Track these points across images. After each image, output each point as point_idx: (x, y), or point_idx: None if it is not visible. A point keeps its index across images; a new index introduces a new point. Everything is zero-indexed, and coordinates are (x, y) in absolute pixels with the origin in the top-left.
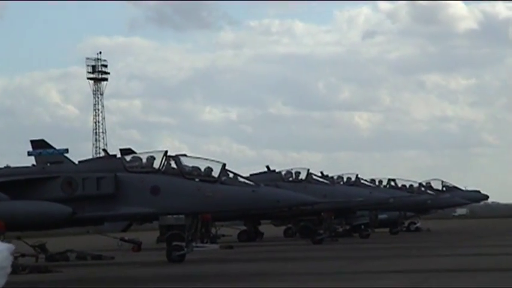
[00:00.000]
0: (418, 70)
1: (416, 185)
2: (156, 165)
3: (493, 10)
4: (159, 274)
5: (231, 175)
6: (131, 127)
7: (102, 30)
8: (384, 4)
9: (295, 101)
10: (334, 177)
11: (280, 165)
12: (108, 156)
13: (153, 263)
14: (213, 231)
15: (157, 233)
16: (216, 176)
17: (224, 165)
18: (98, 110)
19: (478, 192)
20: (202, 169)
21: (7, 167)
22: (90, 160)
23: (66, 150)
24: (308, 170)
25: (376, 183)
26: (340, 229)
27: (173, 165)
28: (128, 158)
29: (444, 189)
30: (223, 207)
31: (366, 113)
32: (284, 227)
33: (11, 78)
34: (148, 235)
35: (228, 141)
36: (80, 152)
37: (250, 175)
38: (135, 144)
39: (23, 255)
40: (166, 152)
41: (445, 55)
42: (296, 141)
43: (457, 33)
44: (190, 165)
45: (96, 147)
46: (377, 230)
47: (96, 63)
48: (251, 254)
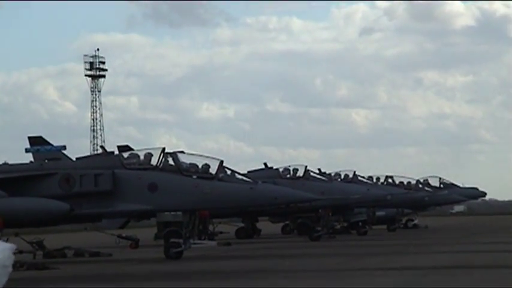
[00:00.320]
0: (415, 67)
1: (413, 182)
2: (153, 162)
3: (491, 7)
4: (157, 271)
5: (228, 172)
6: (129, 124)
7: (100, 27)
8: (381, 1)
9: (292, 98)
10: (332, 174)
11: (277, 162)
12: (106, 153)
13: (151, 260)
14: (211, 228)
15: (154, 230)
16: (213, 173)
17: (222, 162)
18: (96, 107)
19: (476, 189)
20: (200, 166)
21: (5, 164)
22: (87, 157)
23: (64, 147)
24: (306, 167)
25: (374, 180)
26: (338, 226)
27: (171, 162)
28: (126, 154)
29: (442, 186)
30: (221, 204)
31: (364, 110)
32: (282, 224)
33: (9, 75)
34: (145, 232)
35: (226, 138)
36: (77, 148)
37: (248, 172)
38: (132, 141)
39: (20, 252)
40: (164, 148)
41: (443, 52)
42: (293, 138)
43: (455, 31)
44: (188, 162)
45: (93, 144)
46: (375, 227)
47: (94, 60)
48: (249, 251)
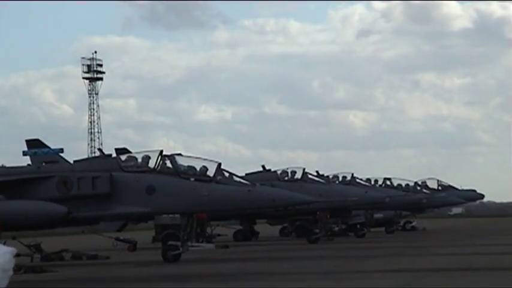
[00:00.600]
0: (413, 69)
1: (412, 184)
2: (151, 164)
3: (488, 9)
4: (155, 274)
5: (226, 174)
6: (126, 127)
7: (96, 30)
8: (378, 3)
9: (290, 100)
10: (330, 177)
11: (275, 165)
12: (104, 156)
13: (149, 263)
14: (209, 230)
15: (152, 233)
16: (211, 175)
17: (219, 165)
18: (93, 109)
19: (474, 191)
20: (198, 168)
21: (2, 167)
22: (85, 160)
23: (62, 150)
24: (304, 169)
25: (372, 183)
26: (336, 228)
27: (168, 164)
28: (123, 157)
29: (440, 188)
30: (219, 207)
31: (361, 112)
32: (280, 227)
33: (6, 77)
34: (143, 235)
35: (223, 140)
36: (75, 151)
37: (246, 174)
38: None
39: (18, 255)
40: (161, 151)
41: (440, 54)
42: (291, 140)
43: (452, 32)
44: (186, 164)
45: (91, 146)
46: (373, 229)
47: (92, 63)
48: (247, 253)
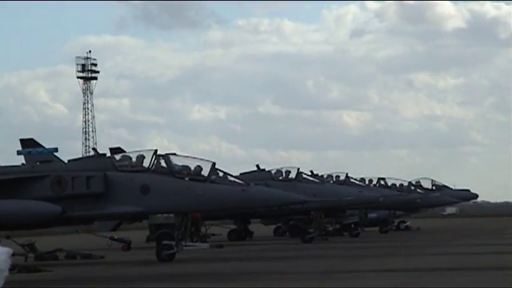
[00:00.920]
0: (406, 69)
1: (406, 184)
2: (145, 164)
3: (481, 9)
4: (149, 273)
5: (220, 174)
6: (120, 126)
7: (90, 29)
8: (372, 3)
9: (284, 100)
10: (324, 176)
11: (269, 164)
12: (98, 155)
13: (143, 262)
14: (203, 230)
15: (147, 232)
16: (205, 175)
17: (214, 164)
18: (88, 109)
19: (468, 191)
20: (192, 168)
21: None
22: (79, 159)
23: (56, 149)
24: (298, 169)
25: (366, 182)
26: (330, 228)
27: (163, 164)
28: (118, 157)
29: (434, 188)
30: (213, 206)
31: (355, 112)
32: (274, 226)
33: (0, 77)
34: (138, 234)
35: (217, 140)
36: (69, 151)
37: (241, 174)
38: (124, 143)
39: (12, 255)
40: (156, 150)
41: (434, 54)
42: (285, 140)
43: (445, 32)
44: (180, 164)
45: (85, 146)
46: (367, 228)
47: (86, 62)
48: (241, 253)
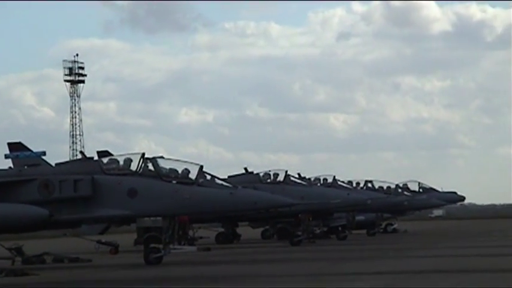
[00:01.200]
0: (393, 72)
1: (393, 187)
2: (133, 167)
3: (467, 12)
4: (137, 276)
5: (208, 177)
6: (107, 129)
7: (77, 33)
8: (358, 5)
9: (271, 103)
10: (312, 179)
11: (256, 167)
12: (85, 159)
13: (131, 266)
14: (191, 233)
15: (134, 235)
16: (193, 178)
17: (201, 167)
18: (75, 112)
19: (455, 193)
20: (180, 171)
21: None
22: (67, 162)
23: (44, 153)
24: (286, 171)
25: (354, 185)
26: (318, 231)
27: (150, 167)
28: (105, 160)
29: (421, 190)
30: (201, 209)
31: (342, 115)
32: (262, 229)
33: None
34: (125, 237)
35: (205, 143)
36: (57, 154)
37: (228, 177)
38: (111, 146)
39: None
40: (143, 154)
41: (420, 57)
42: (273, 143)
43: (432, 35)
44: (168, 167)
45: (73, 149)
46: (354, 231)
47: (73, 66)
48: (229, 256)
